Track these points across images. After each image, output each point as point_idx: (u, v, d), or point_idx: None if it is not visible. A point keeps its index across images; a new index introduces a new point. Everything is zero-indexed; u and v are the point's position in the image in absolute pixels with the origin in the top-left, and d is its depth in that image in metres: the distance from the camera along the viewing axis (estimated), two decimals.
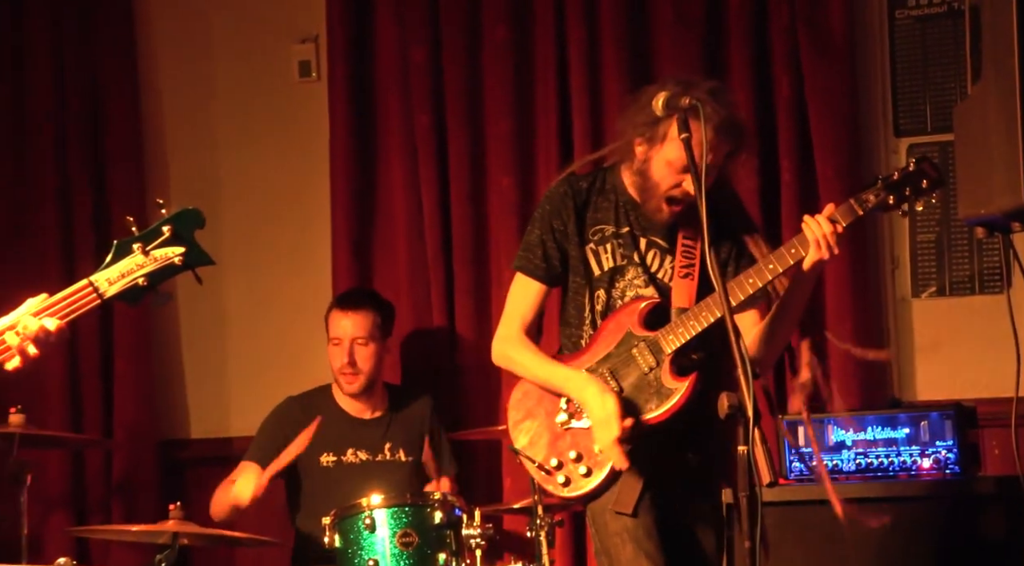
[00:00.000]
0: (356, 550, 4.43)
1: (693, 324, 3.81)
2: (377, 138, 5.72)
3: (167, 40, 5.95)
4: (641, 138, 3.84)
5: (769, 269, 3.79)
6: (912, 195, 3.77)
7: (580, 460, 3.90)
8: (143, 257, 2.98)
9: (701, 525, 3.97)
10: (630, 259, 3.93)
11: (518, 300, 4.03)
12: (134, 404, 5.74)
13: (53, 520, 5.51)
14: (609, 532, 3.89)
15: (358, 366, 5.09)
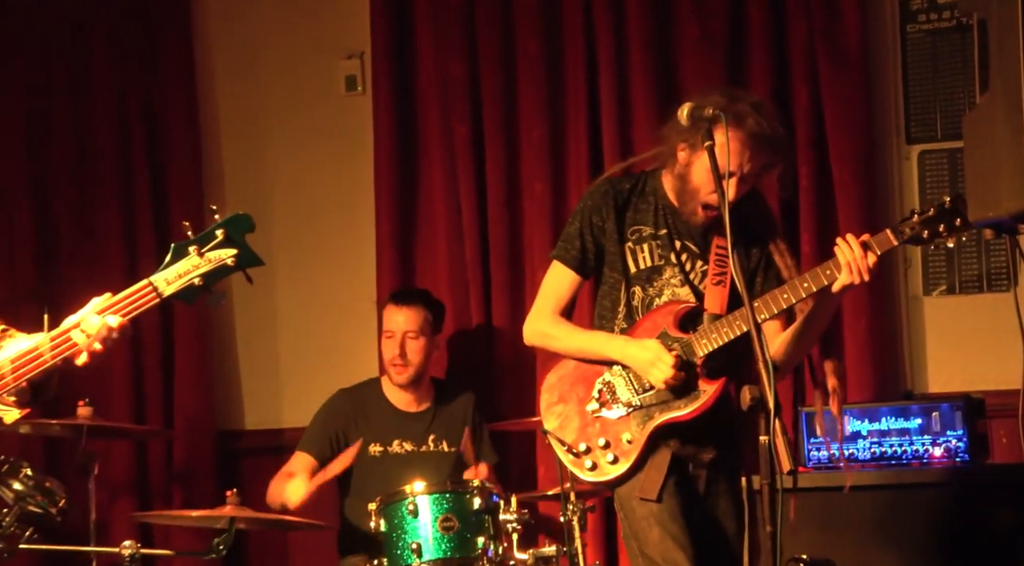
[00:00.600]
0: (400, 534, 4.43)
1: (726, 331, 3.81)
2: (418, 147, 5.72)
3: (223, 57, 5.96)
4: (684, 144, 3.85)
5: (803, 287, 3.79)
6: (945, 232, 3.78)
7: (608, 448, 3.90)
8: (198, 259, 2.99)
9: (722, 511, 3.97)
10: (667, 260, 3.94)
11: (552, 286, 4.04)
12: (193, 397, 5.75)
13: (118, 506, 5.52)
14: (636, 517, 3.90)
15: (408, 358, 5.10)
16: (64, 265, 5.64)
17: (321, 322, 5.87)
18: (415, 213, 5.74)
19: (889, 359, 5.24)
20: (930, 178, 5.30)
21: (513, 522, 4.44)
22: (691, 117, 3.65)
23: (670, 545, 3.85)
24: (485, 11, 5.59)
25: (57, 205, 5.70)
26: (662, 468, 3.88)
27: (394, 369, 5.12)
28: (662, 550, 3.85)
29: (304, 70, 5.92)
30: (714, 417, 3.89)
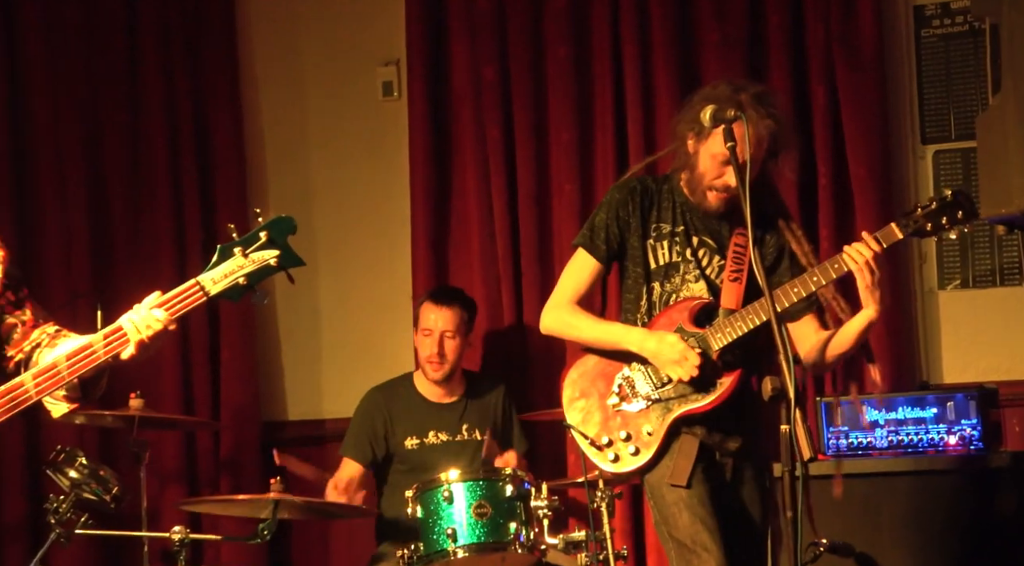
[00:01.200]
0: (436, 520, 4.43)
1: (740, 325, 3.79)
2: (452, 149, 5.72)
3: (266, 66, 5.97)
4: (691, 133, 3.83)
5: (813, 281, 3.77)
6: (947, 224, 3.73)
7: (629, 440, 3.89)
8: (243, 259, 2.99)
9: (748, 497, 3.96)
10: (684, 257, 3.91)
11: (574, 275, 4.01)
12: (239, 390, 5.77)
13: (168, 493, 5.54)
14: (667, 502, 3.88)
15: (445, 356, 5.08)
16: (117, 268, 5.65)
17: (360, 318, 5.88)
18: (449, 213, 5.74)
19: (905, 351, 5.22)
20: (944, 177, 5.28)
21: (544, 508, 4.43)
22: (714, 119, 3.64)
23: (700, 528, 3.83)
24: (516, 19, 5.59)
25: (111, 211, 5.71)
26: (690, 455, 3.86)
27: (430, 366, 5.12)
28: (692, 533, 3.84)
29: (343, 77, 5.92)
30: (738, 408, 3.87)
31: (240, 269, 2.97)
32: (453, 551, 4.38)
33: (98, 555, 5.39)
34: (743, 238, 3.85)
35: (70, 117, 5.65)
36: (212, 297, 2.97)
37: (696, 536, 3.83)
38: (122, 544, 5.11)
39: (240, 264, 2.98)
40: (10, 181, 5.51)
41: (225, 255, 2.98)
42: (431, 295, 5.24)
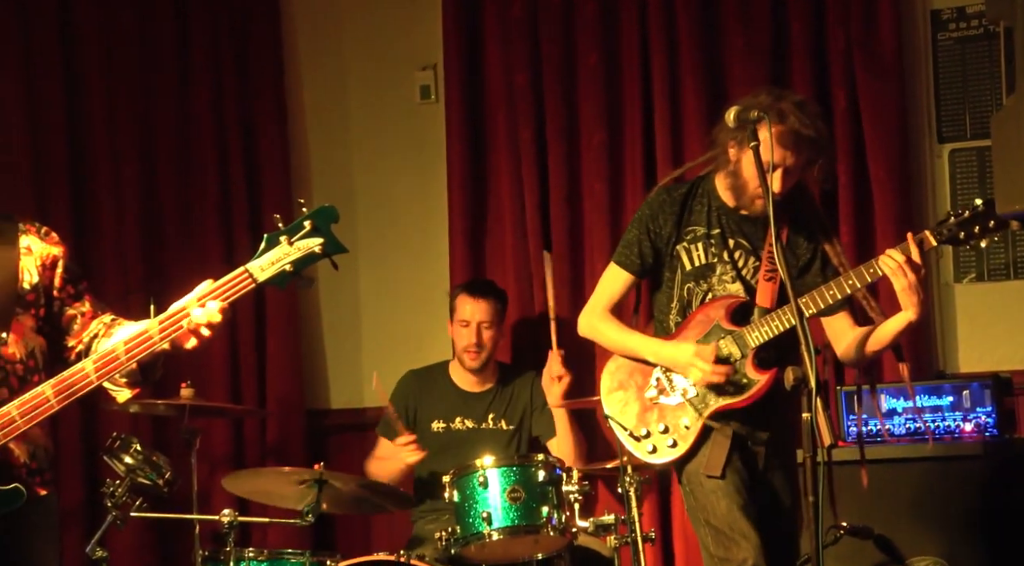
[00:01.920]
0: (472, 503, 4.44)
1: (776, 324, 3.81)
2: (487, 150, 5.73)
3: (309, 70, 5.99)
4: (733, 141, 3.84)
5: (848, 284, 3.79)
6: (979, 233, 3.78)
7: (667, 432, 3.90)
8: (289, 247, 3.00)
9: (778, 485, 3.97)
10: (720, 258, 3.92)
11: (608, 284, 4.06)
12: (284, 379, 5.79)
13: (218, 478, 5.54)
14: (705, 491, 3.90)
15: (483, 345, 5.12)
16: (168, 260, 5.67)
17: (399, 310, 5.90)
18: (484, 210, 5.76)
19: (923, 341, 5.19)
20: (960, 174, 5.27)
21: (575, 493, 4.45)
22: (737, 119, 3.64)
23: (738, 515, 3.85)
24: (548, 26, 5.59)
25: (162, 210, 5.73)
26: (724, 446, 3.88)
27: (468, 355, 5.14)
28: (730, 521, 3.85)
29: (383, 80, 5.95)
30: (768, 402, 3.87)
31: (286, 256, 2.99)
32: (488, 534, 4.39)
33: (152, 537, 5.41)
34: (781, 239, 3.84)
35: (124, 122, 5.67)
36: (260, 284, 2.99)
37: (734, 523, 3.85)
38: (174, 526, 5.12)
39: (286, 252, 2.99)
40: (68, 182, 5.54)
41: (272, 243, 2.99)
42: (466, 287, 5.26)
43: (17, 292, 3.04)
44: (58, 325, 3.14)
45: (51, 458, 3.10)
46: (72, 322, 3.15)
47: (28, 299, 3.07)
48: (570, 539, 4.48)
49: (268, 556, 4.57)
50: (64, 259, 3.16)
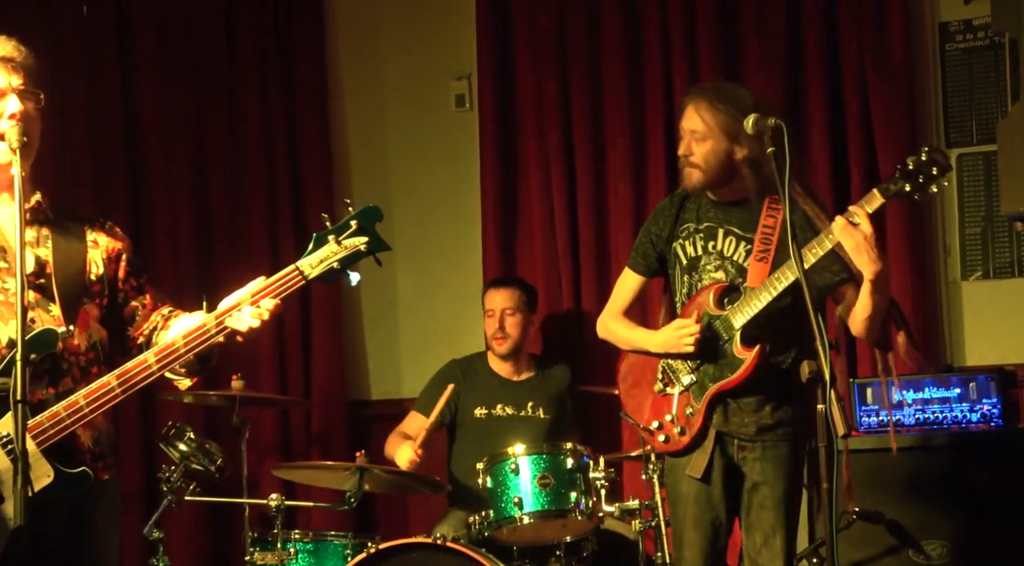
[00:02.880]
0: (504, 489, 4.46)
1: (756, 302, 3.73)
2: (518, 155, 5.74)
3: (351, 79, 6.01)
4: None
5: (813, 252, 3.65)
6: (924, 181, 3.59)
7: (675, 421, 3.88)
8: (336, 246, 3.01)
9: (771, 475, 3.87)
10: (706, 249, 3.89)
11: (620, 288, 4.11)
12: (327, 371, 5.81)
13: (266, 464, 5.59)
14: (678, 492, 3.92)
15: (507, 331, 5.14)
16: (218, 258, 5.71)
17: (435, 307, 5.92)
18: (515, 212, 5.77)
19: (932, 336, 5.19)
20: (967, 178, 5.25)
21: (601, 479, 4.46)
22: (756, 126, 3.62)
23: (689, 527, 3.88)
24: (575, 37, 5.60)
25: (213, 211, 5.78)
26: (707, 448, 3.86)
27: (495, 342, 5.17)
28: (683, 529, 3.90)
29: (420, 90, 5.96)
30: (768, 387, 3.82)
31: (334, 255, 3.01)
32: (520, 518, 4.41)
33: (204, 519, 5.46)
34: (772, 219, 3.82)
35: (177, 130, 5.71)
36: (310, 280, 3.00)
37: (684, 533, 3.90)
38: (225, 510, 5.17)
39: (334, 250, 3.01)
40: (126, 188, 5.58)
41: (320, 242, 3.01)
42: (491, 281, 5.32)
43: (85, 283, 3.07)
44: (120, 316, 3.16)
45: (113, 444, 3.13)
46: (135, 313, 3.18)
47: (94, 290, 3.09)
48: (597, 523, 4.49)
49: (313, 538, 4.59)
50: (127, 252, 3.18)
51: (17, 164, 2.88)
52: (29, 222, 3.00)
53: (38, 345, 2.87)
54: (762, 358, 3.78)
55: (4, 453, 2.88)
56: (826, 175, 5.26)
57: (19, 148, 2.90)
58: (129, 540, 4.72)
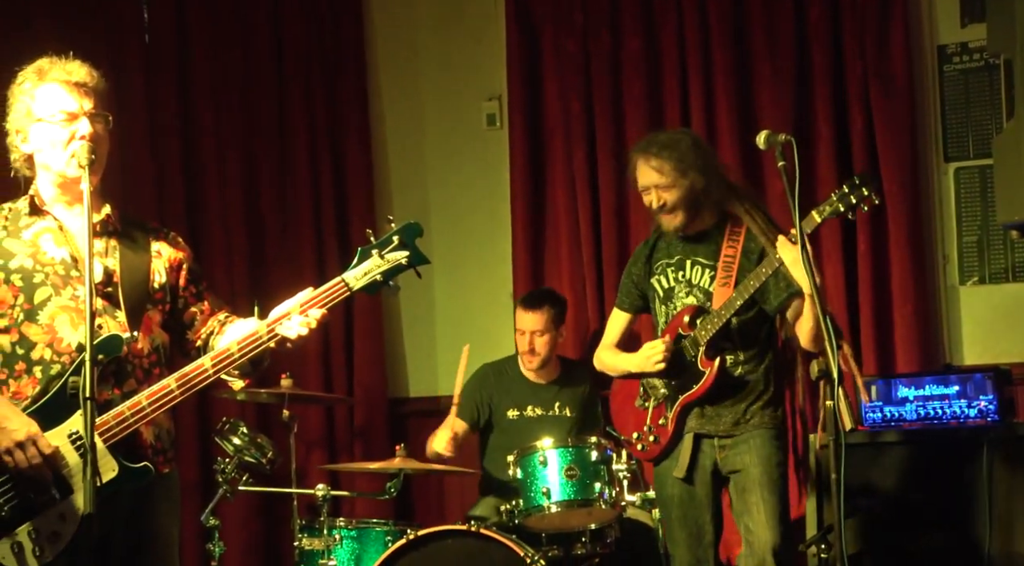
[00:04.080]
0: (533, 480, 4.46)
1: (717, 321, 3.92)
2: (545, 170, 5.73)
3: (390, 101, 6.00)
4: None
5: (763, 272, 3.85)
6: (857, 202, 3.76)
7: (650, 431, 4.07)
8: (380, 259, 3.03)
9: (750, 461, 3.98)
10: (677, 279, 4.08)
11: (610, 325, 4.33)
12: (369, 371, 5.80)
13: (313, 457, 5.60)
14: (665, 496, 4.08)
15: (536, 351, 5.09)
16: (269, 269, 5.71)
17: (469, 310, 5.91)
18: (543, 223, 5.75)
19: (932, 337, 5.16)
20: (964, 190, 5.23)
21: (624, 471, 4.45)
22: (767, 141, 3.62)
23: (677, 527, 4.03)
24: (598, 60, 5.59)
25: (264, 224, 5.77)
26: (686, 450, 4.02)
27: (525, 358, 5.13)
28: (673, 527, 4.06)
29: (454, 110, 5.96)
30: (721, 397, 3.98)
31: (377, 267, 3.02)
32: (548, 507, 4.41)
33: (256, 508, 5.46)
34: (732, 249, 4.00)
35: (231, 150, 5.72)
36: (354, 292, 3.03)
37: (672, 533, 4.06)
38: (276, 499, 5.17)
39: (377, 264, 3.03)
40: (184, 202, 5.61)
41: (364, 256, 3.03)
42: (522, 300, 5.23)
43: (148, 291, 3.10)
44: (181, 321, 3.19)
45: (173, 439, 3.15)
46: (194, 318, 3.20)
47: (157, 297, 3.12)
48: (619, 512, 4.49)
49: (356, 525, 4.60)
50: (188, 262, 3.20)
51: (86, 179, 2.92)
52: (98, 233, 3.03)
53: (105, 349, 2.90)
54: (722, 368, 3.95)
55: (74, 449, 2.91)
56: (832, 186, 5.19)
57: (87, 165, 2.93)
58: (187, 526, 4.74)
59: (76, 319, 2.97)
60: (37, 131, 3.02)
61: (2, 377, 2.99)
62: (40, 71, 3.03)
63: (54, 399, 2.92)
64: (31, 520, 2.89)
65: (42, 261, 3.01)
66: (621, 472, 4.45)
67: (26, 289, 2.99)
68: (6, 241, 3.03)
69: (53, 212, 3.06)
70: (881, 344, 5.16)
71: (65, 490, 2.91)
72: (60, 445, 2.91)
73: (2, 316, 2.99)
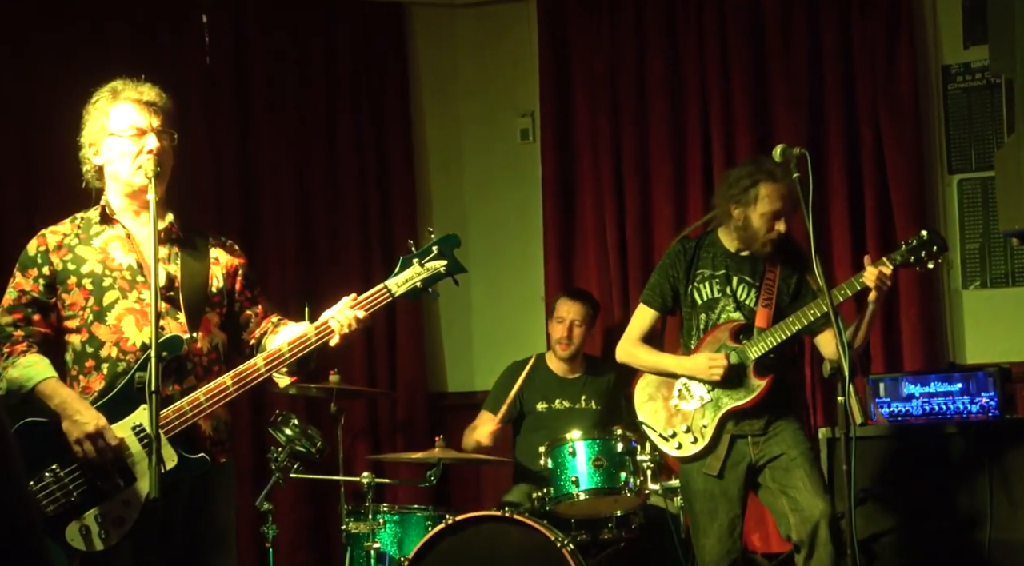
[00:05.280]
0: (563, 470, 4.44)
1: (771, 339, 3.91)
2: (574, 181, 5.73)
3: (431, 118, 6.00)
4: (736, 204, 3.98)
5: (842, 293, 3.84)
6: (925, 258, 3.83)
7: (688, 432, 3.99)
8: (420, 268, 3.04)
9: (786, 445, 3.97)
10: (723, 292, 4.03)
11: (638, 321, 4.21)
12: (410, 368, 5.80)
13: (358, 447, 5.60)
14: (692, 490, 4.03)
15: (572, 340, 5.08)
16: (317, 276, 5.70)
17: (503, 311, 5.91)
18: (572, 230, 5.75)
19: (937, 338, 5.14)
20: (967, 200, 5.21)
21: (647, 461, 4.43)
22: (783, 155, 3.60)
23: (706, 519, 3.98)
24: (624, 80, 5.59)
25: (313, 233, 5.77)
26: (721, 451, 3.98)
27: (560, 346, 5.13)
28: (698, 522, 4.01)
29: (490, 126, 5.96)
30: (766, 400, 3.96)
31: (417, 275, 3.03)
32: (577, 494, 4.40)
33: (307, 494, 5.45)
34: (772, 274, 4.01)
35: (284, 165, 5.74)
36: (396, 298, 3.04)
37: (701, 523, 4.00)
38: (324, 486, 5.16)
39: (418, 272, 3.03)
40: (240, 213, 5.62)
41: (406, 265, 3.03)
42: (567, 291, 5.26)
43: (207, 295, 3.11)
44: (237, 322, 3.20)
45: (230, 430, 3.16)
46: (249, 320, 3.21)
47: (215, 300, 3.13)
48: (643, 499, 4.47)
49: (399, 510, 4.60)
50: (244, 268, 3.21)
51: (152, 190, 2.95)
52: (162, 241, 3.05)
53: (168, 348, 2.92)
54: (773, 385, 3.94)
55: (137, 440, 2.92)
56: (844, 197, 5.23)
57: (153, 177, 2.96)
58: (243, 511, 4.75)
59: (141, 320, 2.99)
60: (109, 144, 3.06)
61: (73, 373, 3.02)
62: (114, 91, 3.09)
63: (120, 394, 2.94)
64: (98, 505, 2.91)
65: (111, 267, 3.04)
66: (645, 463, 4.42)
67: (96, 292, 3.01)
68: (78, 248, 3.06)
69: (122, 221, 3.08)
70: (889, 344, 5.13)
71: (129, 478, 2.93)
72: (125, 437, 2.93)
73: (74, 317, 3.02)
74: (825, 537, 3.80)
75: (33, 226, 3.18)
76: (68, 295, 3.03)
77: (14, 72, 5.06)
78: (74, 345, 3.01)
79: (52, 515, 2.88)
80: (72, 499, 2.90)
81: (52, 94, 4.49)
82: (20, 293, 3.04)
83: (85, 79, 3.20)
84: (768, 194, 3.90)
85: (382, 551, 4.47)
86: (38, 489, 2.89)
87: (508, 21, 5.92)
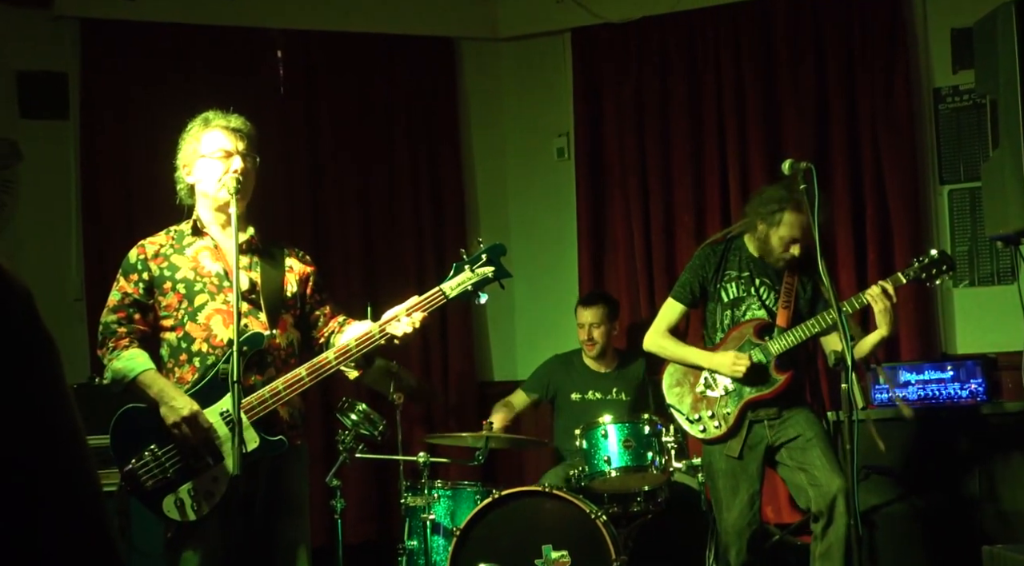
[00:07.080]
0: (596, 450, 4.44)
1: (792, 338, 3.90)
2: (605, 194, 5.73)
3: (478, 138, 6.01)
4: (762, 221, 3.96)
5: (851, 305, 3.83)
6: (936, 274, 3.83)
7: (713, 417, 3.99)
8: (471, 273, 3.05)
9: (801, 426, 3.96)
10: (749, 293, 4.02)
11: (667, 314, 4.19)
12: (461, 360, 5.82)
13: (415, 430, 5.61)
14: (714, 469, 4.03)
15: (595, 340, 5.07)
16: (378, 280, 5.71)
17: (542, 309, 5.91)
18: (603, 238, 5.75)
19: (930, 331, 5.11)
20: (956, 208, 5.18)
21: (671, 442, 4.42)
22: (791, 168, 3.59)
23: (730, 495, 3.96)
24: (650, 102, 5.59)
25: (374, 242, 5.78)
26: (741, 435, 3.97)
27: (585, 347, 5.13)
28: (724, 497, 3.99)
29: (530, 145, 5.97)
30: (784, 392, 3.97)
31: (468, 280, 3.04)
32: (609, 472, 4.40)
33: (370, 472, 5.48)
34: (791, 278, 4.00)
35: (348, 179, 5.76)
36: (450, 299, 3.06)
37: (722, 499, 3.99)
38: (386, 465, 5.19)
39: (468, 277, 3.04)
40: (311, 223, 5.67)
41: (458, 270, 3.05)
42: (581, 300, 5.23)
43: (283, 298, 3.15)
44: (308, 321, 3.23)
45: (304, 416, 3.20)
46: (318, 320, 3.25)
47: (289, 303, 3.17)
48: (668, 476, 4.46)
49: (451, 486, 4.61)
50: (314, 275, 3.25)
51: (234, 204, 2.99)
52: (244, 251, 3.09)
53: (250, 343, 2.97)
54: (792, 380, 3.94)
55: (224, 424, 2.97)
56: (846, 207, 5.19)
57: (234, 193, 3.00)
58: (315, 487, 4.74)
59: (227, 319, 3.04)
60: (200, 165, 3.12)
61: (169, 365, 3.07)
62: (206, 120, 3.14)
63: (209, 384, 2.99)
64: (191, 481, 2.96)
65: (201, 273, 3.09)
66: (669, 443, 4.42)
67: (188, 295, 3.07)
68: (173, 257, 3.11)
69: (211, 233, 3.14)
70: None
71: (218, 457, 2.97)
72: (214, 421, 2.97)
73: (169, 317, 3.07)
74: (842, 509, 3.79)
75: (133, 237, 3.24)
76: (164, 298, 3.08)
77: (138, 119, 5.19)
78: (169, 341, 3.07)
79: (151, 489, 2.94)
80: (168, 475, 2.95)
81: (149, 128, 4.56)
82: (123, 295, 3.09)
83: (179, 109, 3.26)
84: (790, 222, 3.90)
85: (437, 522, 4.49)
86: (139, 467, 2.95)
87: (546, 53, 5.94)
